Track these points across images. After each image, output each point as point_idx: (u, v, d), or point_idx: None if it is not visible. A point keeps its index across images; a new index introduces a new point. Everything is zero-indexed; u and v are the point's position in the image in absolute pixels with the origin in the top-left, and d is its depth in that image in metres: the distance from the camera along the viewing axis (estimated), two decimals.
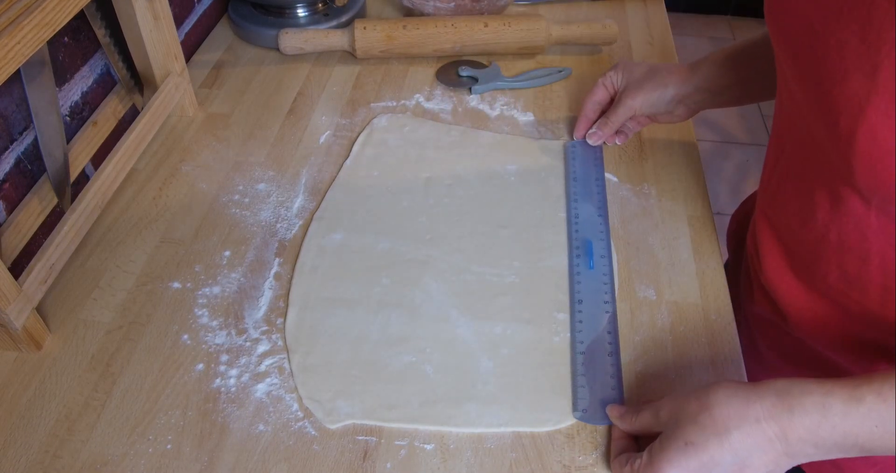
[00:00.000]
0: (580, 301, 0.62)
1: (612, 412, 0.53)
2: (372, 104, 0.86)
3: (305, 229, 0.70)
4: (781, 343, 0.67)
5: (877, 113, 0.41)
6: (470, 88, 0.87)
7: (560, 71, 0.89)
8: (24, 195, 0.66)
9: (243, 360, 0.59)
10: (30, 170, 0.67)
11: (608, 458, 0.53)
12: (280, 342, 0.60)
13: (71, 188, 0.66)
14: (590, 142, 0.77)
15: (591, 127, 0.78)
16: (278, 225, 0.71)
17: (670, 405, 0.48)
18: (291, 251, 0.68)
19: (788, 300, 0.61)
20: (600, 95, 0.77)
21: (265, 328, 0.61)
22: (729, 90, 0.70)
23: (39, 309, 0.61)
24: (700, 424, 0.45)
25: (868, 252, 0.51)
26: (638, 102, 0.73)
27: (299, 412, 0.56)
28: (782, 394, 0.44)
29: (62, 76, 0.71)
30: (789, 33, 0.48)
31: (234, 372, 0.58)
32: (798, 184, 0.55)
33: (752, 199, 0.77)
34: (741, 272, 0.74)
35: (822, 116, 0.46)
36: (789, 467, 0.46)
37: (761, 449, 0.44)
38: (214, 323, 0.62)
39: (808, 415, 0.43)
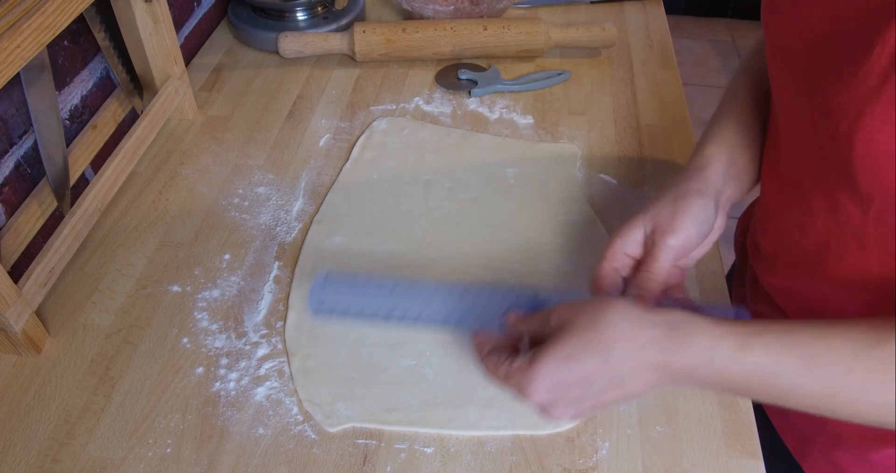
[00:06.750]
0: None
1: (510, 318, 0.51)
2: (371, 107, 0.86)
3: (305, 232, 0.70)
4: None
5: (874, 118, 0.41)
6: (469, 91, 0.87)
7: (559, 74, 0.89)
8: (24, 199, 0.66)
9: (243, 363, 0.59)
10: (29, 173, 0.67)
11: (609, 461, 0.53)
12: (280, 346, 0.60)
13: (70, 192, 0.66)
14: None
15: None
16: (278, 228, 0.71)
17: (561, 311, 0.47)
18: (291, 255, 0.68)
19: (790, 305, 0.61)
20: (620, 262, 0.55)
21: (265, 331, 0.61)
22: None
23: (39, 313, 0.61)
24: (585, 339, 0.45)
25: (867, 260, 0.51)
26: (682, 236, 0.53)
27: (299, 416, 0.55)
28: (674, 327, 0.44)
29: (62, 80, 0.71)
30: (786, 39, 0.48)
31: (233, 375, 0.58)
32: (796, 191, 0.55)
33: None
34: (746, 275, 0.74)
35: (820, 121, 0.46)
36: (665, 388, 0.46)
37: (640, 372, 0.44)
38: (214, 326, 0.62)
39: (693, 356, 0.44)
